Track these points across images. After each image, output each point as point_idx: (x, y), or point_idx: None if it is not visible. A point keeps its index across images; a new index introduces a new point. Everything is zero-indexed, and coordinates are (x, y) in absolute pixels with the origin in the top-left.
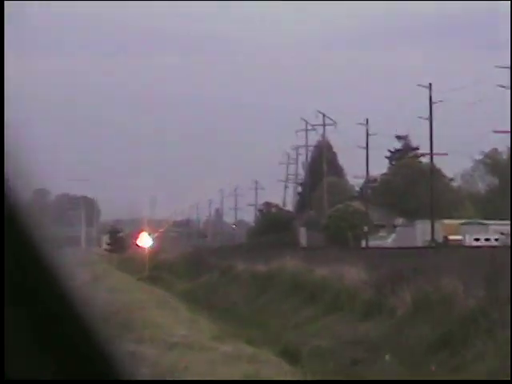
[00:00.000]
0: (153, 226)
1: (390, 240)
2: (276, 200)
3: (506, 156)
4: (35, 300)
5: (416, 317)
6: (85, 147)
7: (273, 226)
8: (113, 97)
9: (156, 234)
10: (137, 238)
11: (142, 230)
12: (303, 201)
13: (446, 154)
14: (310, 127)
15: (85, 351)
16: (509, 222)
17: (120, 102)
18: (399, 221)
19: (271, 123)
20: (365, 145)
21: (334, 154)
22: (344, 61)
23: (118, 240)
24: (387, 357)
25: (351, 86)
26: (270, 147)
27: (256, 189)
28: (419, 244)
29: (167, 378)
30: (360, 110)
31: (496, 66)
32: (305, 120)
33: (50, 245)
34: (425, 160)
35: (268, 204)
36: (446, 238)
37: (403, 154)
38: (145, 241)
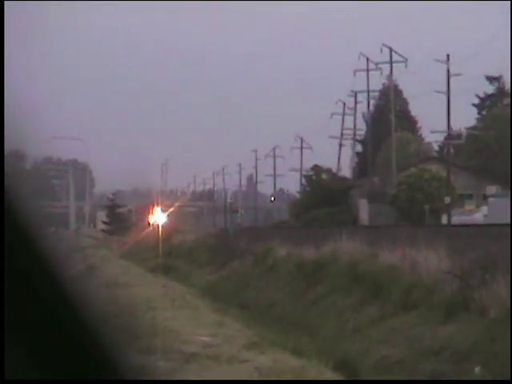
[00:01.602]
0: (165, 199)
1: (479, 215)
2: (328, 163)
3: None
4: (11, 298)
5: None
6: (77, 100)
7: (324, 198)
8: (116, 44)
9: (170, 210)
10: (146, 214)
11: (154, 204)
12: (364, 164)
13: None
14: (372, 66)
15: (77, 366)
16: None
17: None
18: (492, 189)
19: (320, 61)
20: (445, 89)
21: (404, 102)
22: None
23: (119, 217)
24: (477, 369)
25: (426, 12)
26: (318, 93)
27: (301, 148)
28: None
29: None
30: (438, 42)
31: None
32: (365, 56)
33: (27, 225)
34: None
35: (317, 168)
36: None
37: (496, 101)
38: (158, 218)
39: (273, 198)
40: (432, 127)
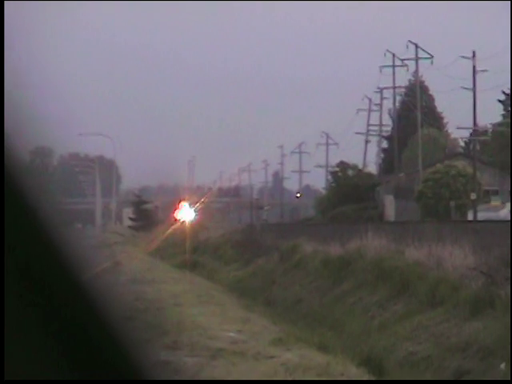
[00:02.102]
0: (191, 196)
1: (505, 211)
2: (354, 159)
3: None
4: (37, 295)
5: None
6: (104, 97)
7: (350, 194)
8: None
9: (197, 206)
10: (173, 210)
11: (181, 200)
12: (390, 160)
13: None
14: (398, 62)
15: (105, 360)
16: None
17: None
18: None
19: (346, 58)
20: (471, 85)
21: (430, 98)
22: None
23: (145, 214)
24: (503, 365)
25: (452, 8)
26: (344, 89)
27: (327, 145)
28: None
29: None
30: (464, 39)
31: None
32: (391, 53)
33: (53, 222)
34: None
35: (343, 165)
36: None
37: None
38: (186, 214)
39: (299, 195)
40: (458, 123)
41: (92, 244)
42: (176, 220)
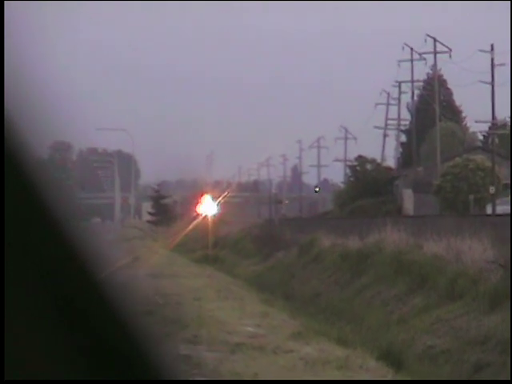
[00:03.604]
0: (210, 190)
1: None
2: (372, 153)
3: None
4: (55, 289)
5: None
6: (123, 91)
7: (368, 188)
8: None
9: (219, 200)
10: (193, 204)
11: (203, 194)
12: (408, 154)
13: None
14: (416, 56)
15: (124, 355)
16: None
17: (170, 38)
18: None
19: (364, 52)
20: (489, 79)
21: (449, 92)
22: None
23: (164, 208)
24: None
25: (470, 1)
26: (362, 83)
27: (345, 139)
28: None
29: None
30: (483, 32)
31: None
32: (409, 47)
33: (73, 217)
34: None
35: (362, 159)
36: None
37: None
38: (208, 208)
39: (317, 189)
40: (476, 117)
41: (111, 239)
42: (198, 214)
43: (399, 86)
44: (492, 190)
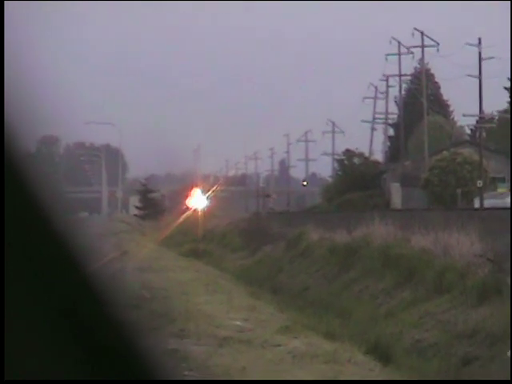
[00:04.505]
0: (199, 184)
1: None
2: (360, 147)
3: None
4: (42, 285)
5: None
6: (111, 85)
7: (356, 182)
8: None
9: (209, 194)
10: (183, 197)
11: (193, 187)
12: (396, 148)
13: None
14: (404, 50)
15: (111, 349)
16: None
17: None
18: None
19: (351, 46)
20: (477, 72)
21: (436, 86)
22: None
23: (151, 202)
24: (509, 353)
25: None
26: (350, 77)
27: (333, 133)
28: None
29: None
30: (470, 26)
31: None
32: (397, 40)
33: (60, 210)
34: None
35: (349, 153)
36: None
37: None
38: (198, 201)
39: (305, 183)
40: (464, 111)
41: (98, 232)
42: (188, 208)
43: (387, 80)
44: (480, 183)
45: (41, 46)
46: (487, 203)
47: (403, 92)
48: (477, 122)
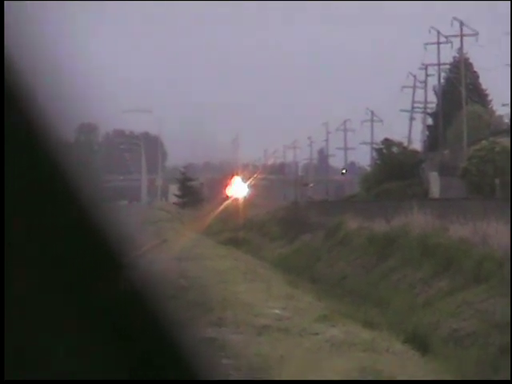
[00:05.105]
0: (238, 173)
1: None
2: (398, 136)
3: None
4: (80, 275)
5: None
6: (149, 74)
7: (395, 171)
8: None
9: (250, 182)
10: (223, 186)
11: (232, 176)
12: (435, 137)
13: None
14: (442, 39)
15: (148, 339)
16: None
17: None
18: None
19: (390, 35)
20: None
21: (475, 75)
22: None
23: (190, 191)
24: None
25: None
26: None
27: (372, 122)
28: None
29: (255, 371)
30: (508, 15)
31: None
32: (436, 30)
33: (99, 199)
34: None
35: (388, 142)
36: None
37: None
38: (238, 189)
39: (344, 172)
40: (503, 100)
41: (137, 221)
42: (227, 196)
43: (426, 69)
44: None
45: (81, 34)
46: None
47: (442, 81)
48: None
